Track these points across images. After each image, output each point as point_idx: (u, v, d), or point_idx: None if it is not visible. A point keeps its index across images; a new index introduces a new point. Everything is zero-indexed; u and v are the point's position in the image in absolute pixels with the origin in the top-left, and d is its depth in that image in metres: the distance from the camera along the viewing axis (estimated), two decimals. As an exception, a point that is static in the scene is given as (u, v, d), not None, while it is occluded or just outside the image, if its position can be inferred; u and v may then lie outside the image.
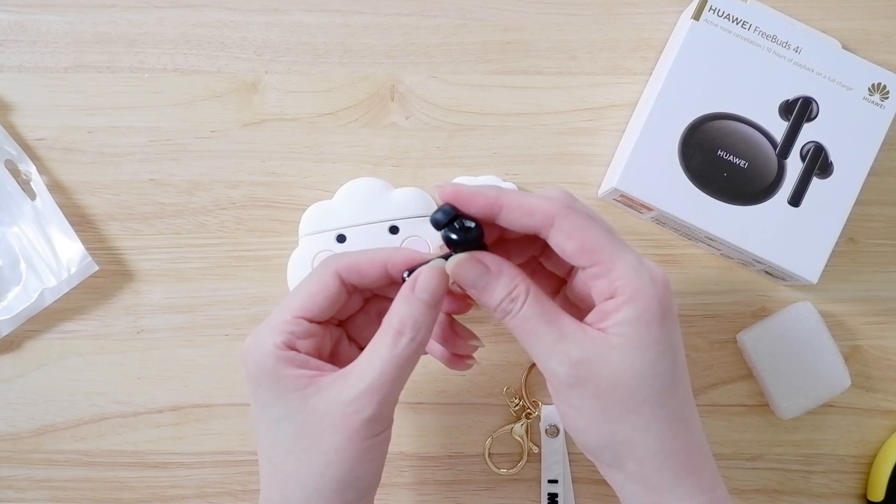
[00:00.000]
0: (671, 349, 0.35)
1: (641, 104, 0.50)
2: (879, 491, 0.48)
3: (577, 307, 0.38)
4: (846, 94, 0.47)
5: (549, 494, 0.49)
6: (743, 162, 0.46)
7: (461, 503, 0.50)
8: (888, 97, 0.46)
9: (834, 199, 0.46)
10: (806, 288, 0.49)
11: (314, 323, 0.36)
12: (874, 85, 0.46)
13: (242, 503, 0.49)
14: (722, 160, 0.46)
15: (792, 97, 0.47)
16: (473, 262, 0.35)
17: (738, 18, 0.47)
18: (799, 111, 0.47)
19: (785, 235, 0.46)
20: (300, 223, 0.48)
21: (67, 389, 0.50)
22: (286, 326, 0.36)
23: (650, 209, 0.47)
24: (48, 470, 0.49)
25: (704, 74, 0.47)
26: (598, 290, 0.35)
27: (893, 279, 0.50)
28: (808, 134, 0.46)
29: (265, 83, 0.51)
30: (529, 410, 0.49)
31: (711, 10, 0.47)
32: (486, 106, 0.51)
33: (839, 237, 0.46)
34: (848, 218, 0.46)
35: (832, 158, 0.46)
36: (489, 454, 0.50)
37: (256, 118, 0.51)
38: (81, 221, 0.50)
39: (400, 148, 0.51)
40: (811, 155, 0.46)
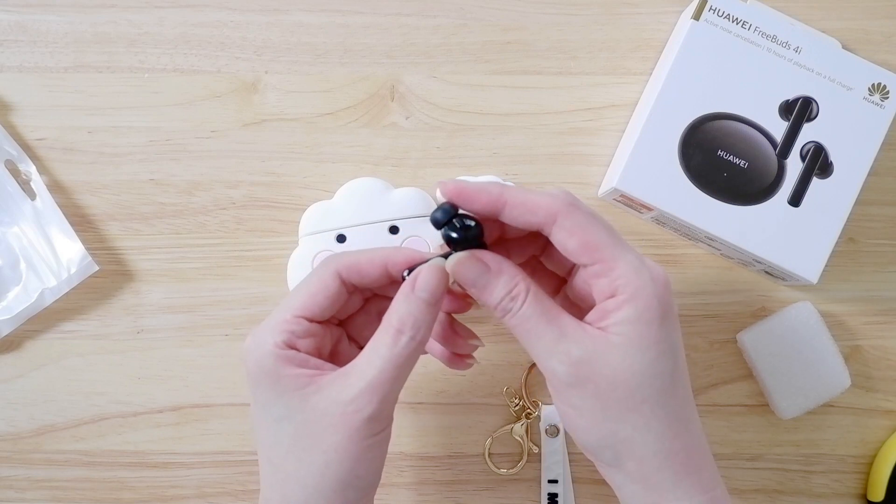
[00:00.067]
0: (671, 349, 0.35)
1: (641, 104, 0.50)
2: (879, 491, 0.48)
3: (577, 306, 0.38)
4: (846, 94, 0.47)
5: (549, 494, 0.49)
6: (743, 162, 0.46)
7: (461, 503, 0.50)
8: (888, 97, 0.46)
9: (834, 199, 0.46)
10: (806, 288, 0.49)
11: (314, 322, 0.37)
12: (874, 85, 0.46)
13: (242, 503, 0.49)
14: (722, 160, 0.46)
15: (792, 97, 0.47)
16: (473, 260, 0.35)
17: (738, 18, 0.47)
18: (799, 111, 0.47)
19: (785, 235, 0.46)
20: (300, 223, 0.48)
21: (67, 389, 0.50)
22: (286, 326, 0.36)
23: (650, 209, 0.47)
24: (48, 470, 0.49)
25: (704, 74, 0.47)
26: (598, 288, 0.35)
27: (893, 279, 0.50)
28: (808, 134, 0.46)
29: (265, 83, 0.51)
30: (529, 410, 0.49)
31: (711, 10, 0.47)
32: (486, 106, 0.51)
33: (839, 237, 0.46)
34: (848, 218, 0.46)
35: (832, 158, 0.46)
36: (489, 454, 0.50)
37: (256, 118, 0.51)
38: (81, 221, 0.50)
39: (400, 148, 0.51)
40: (811, 155, 0.46)
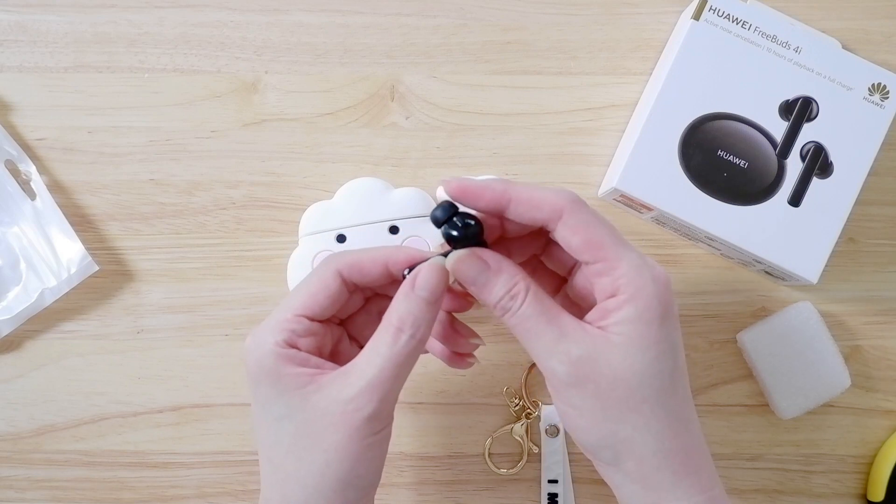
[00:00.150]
0: (671, 349, 0.35)
1: (641, 104, 0.50)
2: (879, 491, 0.48)
3: (577, 306, 0.38)
4: (846, 94, 0.47)
5: (549, 494, 0.49)
6: (743, 162, 0.46)
7: (461, 503, 0.50)
8: (888, 97, 0.46)
9: (834, 199, 0.46)
10: (806, 288, 0.49)
11: (315, 321, 0.36)
12: (874, 85, 0.46)
13: (242, 503, 0.49)
14: (722, 160, 0.46)
15: (792, 97, 0.47)
16: (473, 258, 0.35)
17: (738, 18, 0.47)
18: (799, 111, 0.47)
19: (785, 235, 0.46)
20: (300, 223, 0.48)
21: (67, 389, 0.50)
22: (287, 325, 0.36)
23: (650, 209, 0.47)
24: (48, 470, 0.49)
25: (704, 74, 0.47)
26: (600, 287, 0.35)
27: (893, 279, 0.50)
28: (808, 134, 0.46)
29: (265, 83, 0.51)
30: (529, 410, 0.49)
31: (711, 10, 0.47)
32: (486, 106, 0.51)
33: (839, 237, 0.46)
34: (848, 218, 0.46)
35: (832, 158, 0.46)
36: (489, 454, 0.50)
37: (256, 118, 0.51)
38: (81, 221, 0.50)
39: (400, 148, 0.51)
40: (811, 155, 0.46)
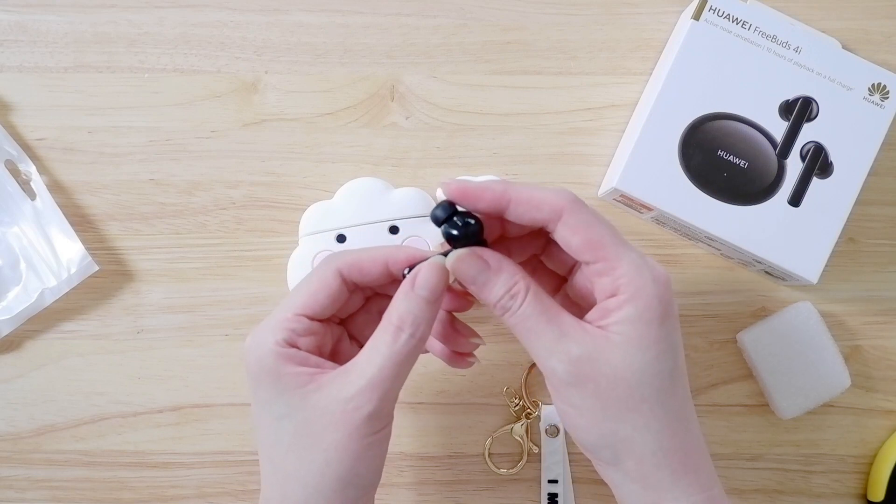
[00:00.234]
0: (671, 348, 0.35)
1: (641, 104, 0.50)
2: (879, 491, 0.48)
3: (577, 305, 0.38)
4: (846, 94, 0.47)
5: (549, 494, 0.49)
6: (743, 162, 0.46)
7: (461, 503, 0.50)
8: (888, 97, 0.46)
9: (834, 199, 0.46)
10: (806, 288, 0.49)
11: (315, 321, 0.36)
12: (874, 85, 0.46)
13: (242, 503, 0.49)
14: (722, 160, 0.46)
15: (792, 97, 0.47)
16: (473, 257, 0.35)
17: (738, 18, 0.47)
18: (799, 111, 0.47)
19: (785, 235, 0.46)
20: (300, 223, 0.48)
21: (67, 389, 0.50)
22: (287, 324, 0.36)
23: (650, 209, 0.47)
24: (48, 470, 0.49)
25: (704, 74, 0.47)
26: (600, 287, 0.35)
27: (893, 279, 0.50)
28: (808, 134, 0.46)
29: (265, 83, 0.51)
30: (529, 410, 0.49)
31: (711, 10, 0.47)
32: (486, 106, 0.51)
33: (839, 237, 0.46)
34: (848, 218, 0.46)
35: (832, 158, 0.46)
36: (489, 454, 0.50)
37: (256, 118, 0.51)
38: (81, 221, 0.50)
39: (400, 148, 0.51)
40: (811, 155, 0.46)
